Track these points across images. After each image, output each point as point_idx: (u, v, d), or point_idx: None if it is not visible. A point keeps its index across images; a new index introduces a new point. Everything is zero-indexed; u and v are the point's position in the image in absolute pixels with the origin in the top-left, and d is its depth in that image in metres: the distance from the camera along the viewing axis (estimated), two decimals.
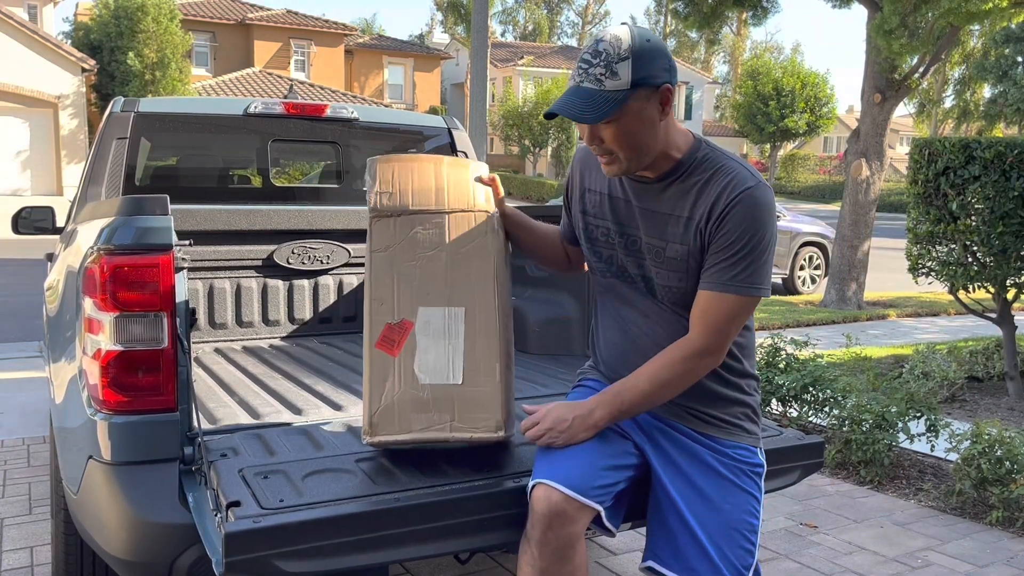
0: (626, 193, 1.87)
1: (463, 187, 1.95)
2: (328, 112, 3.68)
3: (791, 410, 4.50)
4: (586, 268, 2.08)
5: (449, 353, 1.87)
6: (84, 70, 22.58)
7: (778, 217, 1.85)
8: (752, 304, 1.75)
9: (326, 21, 32.52)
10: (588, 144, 1.76)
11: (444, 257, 1.90)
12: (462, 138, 4.02)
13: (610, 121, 1.68)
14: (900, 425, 3.92)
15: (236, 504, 1.66)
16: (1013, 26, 26.63)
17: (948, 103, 38.61)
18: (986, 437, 3.56)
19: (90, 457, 1.90)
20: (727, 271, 1.72)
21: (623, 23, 1.79)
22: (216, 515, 1.69)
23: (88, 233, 2.07)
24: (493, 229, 1.93)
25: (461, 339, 1.88)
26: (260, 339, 3.42)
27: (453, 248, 1.91)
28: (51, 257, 3.55)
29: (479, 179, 2.00)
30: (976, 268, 5.04)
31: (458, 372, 1.86)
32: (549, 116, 1.73)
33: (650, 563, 1.79)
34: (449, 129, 4.03)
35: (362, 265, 3.59)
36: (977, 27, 10.74)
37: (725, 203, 1.72)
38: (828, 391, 4.24)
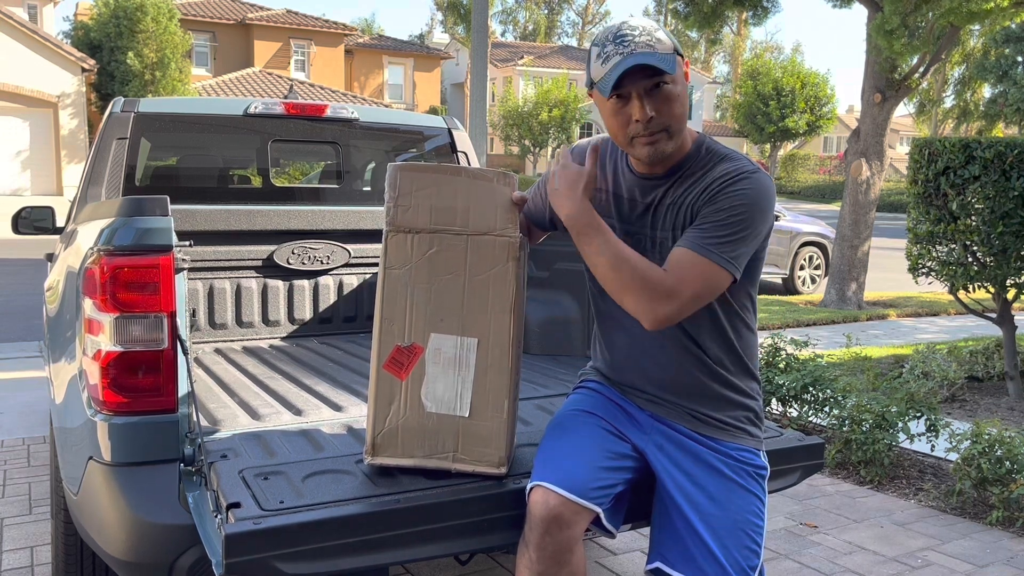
0: (633, 192, 1.87)
1: (486, 207, 1.84)
2: (328, 112, 3.68)
3: (791, 410, 4.50)
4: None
5: (458, 386, 1.83)
6: (84, 70, 22.57)
7: (777, 217, 1.85)
8: (720, 279, 1.70)
9: (326, 21, 32.51)
10: (639, 121, 1.71)
11: (461, 282, 1.84)
12: (462, 138, 4.02)
13: (669, 83, 1.72)
14: (900, 425, 3.92)
15: (236, 505, 1.65)
16: (1013, 26, 26.64)
17: (948, 103, 38.61)
18: (986, 437, 3.56)
19: (90, 458, 1.90)
20: (704, 232, 1.71)
21: (649, 21, 1.82)
22: (216, 516, 1.69)
23: (88, 234, 2.07)
24: (514, 257, 1.84)
25: (472, 372, 1.83)
26: (260, 339, 3.42)
27: (471, 273, 1.84)
28: (51, 257, 3.55)
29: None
30: (976, 268, 5.04)
31: (465, 405, 1.83)
32: (617, 86, 1.68)
33: (657, 564, 1.78)
34: (449, 129, 4.02)
35: (362, 265, 3.60)
36: (977, 27, 10.74)
37: (723, 182, 1.75)
38: (828, 391, 4.24)
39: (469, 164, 3.96)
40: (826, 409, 4.26)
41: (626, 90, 1.71)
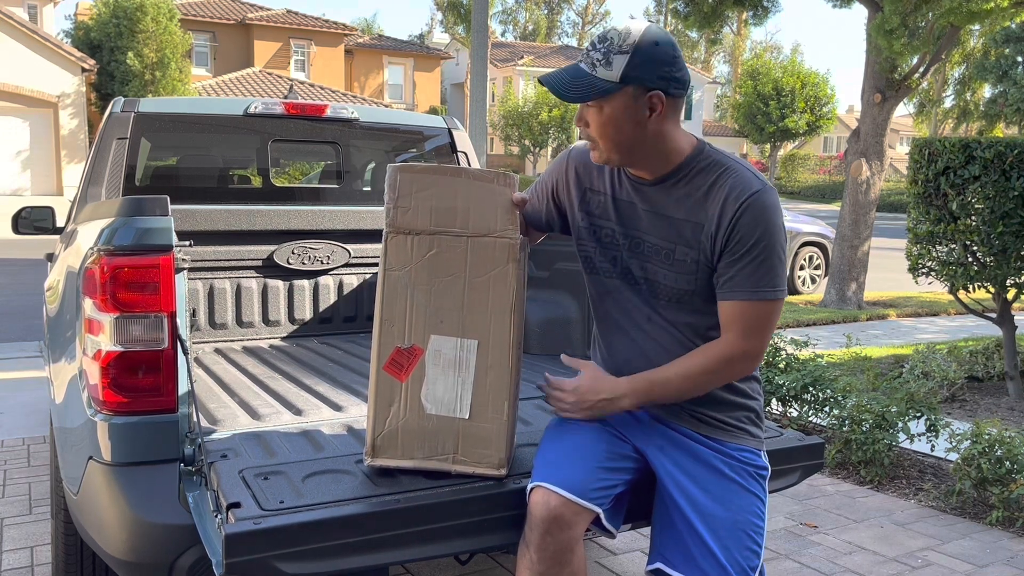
0: (630, 195, 1.87)
1: (487, 208, 1.83)
2: (328, 112, 3.68)
3: (791, 410, 4.50)
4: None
5: (458, 387, 1.83)
6: (84, 70, 22.58)
7: None
8: (779, 306, 1.77)
9: (326, 21, 32.51)
10: (576, 123, 1.79)
11: (461, 284, 1.83)
12: (462, 138, 4.02)
13: (592, 107, 1.73)
14: (900, 425, 3.92)
15: (236, 505, 1.65)
16: (1013, 26, 26.64)
17: (948, 103, 38.61)
18: (986, 437, 3.56)
19: (90, 458, 1.90)
20: (749, 279, 1.72)
21: (649, 20, 1.80)
22: (216, 516, 1.69)
23: (88, 234, 2.07)
24: (515, 259, 1.83)
25: (472, 373, 1.83)
26: (260, 339, 3.42)
27: (471, 275, 1.83)
28: (51, 257, 3.55)
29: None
30: (976, 268, 5.04)
31: (466, 407, 1.83)
32: (542, 83, 1.78)
33: (658, 565, 1.78)
34: (449, 129, 4.02)
35: (362, 265, 3.60)
36: (977, 27, 10.74)
37: (734, 210, 1.72)
38: (828, 391, 4.24)
39: (469, 164, 3.96)
40: (826, 409, 4.26)
41: None
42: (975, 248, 5.01)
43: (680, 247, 1.80)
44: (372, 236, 3.57)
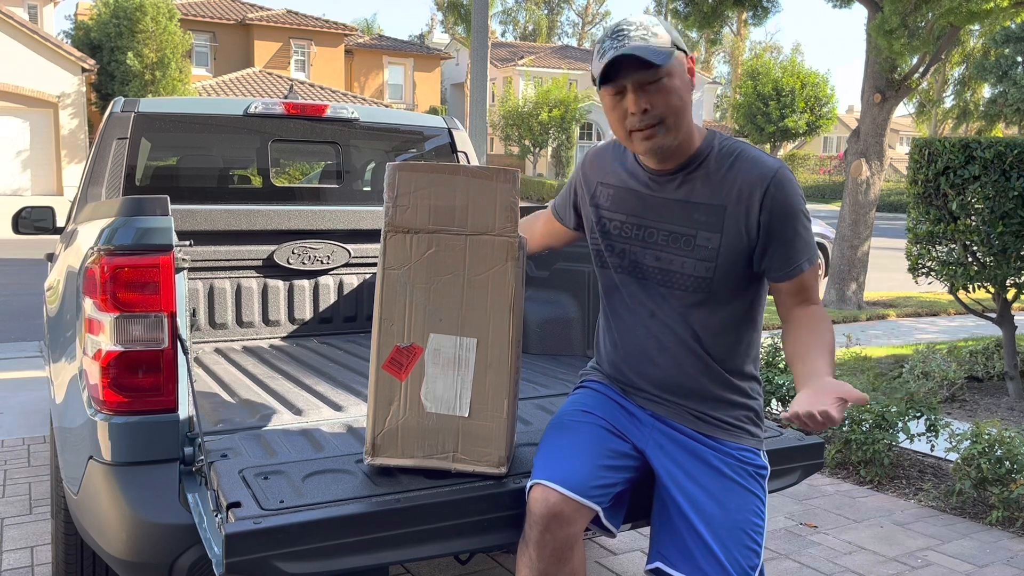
0: (644, 187, 1.88)
1: (486, 206, 1.84)
2: (328, 112, 3.68)
3: None
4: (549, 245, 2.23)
5: (458, 386, 1.84)
6: (84, 70, 22.57)
7: None
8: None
9: (326, 21, 32.50)
10: (634, 114, 1.72)
11: (460, 282, 1.84)
12: (462, 138, 4.02)
13: (662, 78, 1.70)
14: (900, 425, 3.93)
15: (236, 505, 1.65)
16: (1013, 26, 26.65)
17: (948, 103, 38.58)
18: (986, 437, 3.56)
19: (90, 457, 1.90)
20: (803, 250, 1.80)
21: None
22: (216, 516, 1.69)
23: (88, 233, 2.07)
24: (513, 257, 1.84)
25: (471, 371, 1.83)
26: (260, 339, 3.42)
27: (470, 273, 1.84)
28: (51, 257, 3.55)
29: None
30: (976, 268, 5.04)
31: (465, 405, 1.84)
32: (605, 79, 1.72)
33: (657, 564, 1.78)
34: (449, 129, 4.03)
35: (362, 265, 3.60)
36: (977, 27, 10.75)
37: (761, 195, 1.76)
38: None
39: (469, 164, 3.95)
40: None
41: (621, 84, 1.73)
42: (975, 248, 5.01)
43: (702, 232, 1.80)
44: (372, 236, 3.57)
